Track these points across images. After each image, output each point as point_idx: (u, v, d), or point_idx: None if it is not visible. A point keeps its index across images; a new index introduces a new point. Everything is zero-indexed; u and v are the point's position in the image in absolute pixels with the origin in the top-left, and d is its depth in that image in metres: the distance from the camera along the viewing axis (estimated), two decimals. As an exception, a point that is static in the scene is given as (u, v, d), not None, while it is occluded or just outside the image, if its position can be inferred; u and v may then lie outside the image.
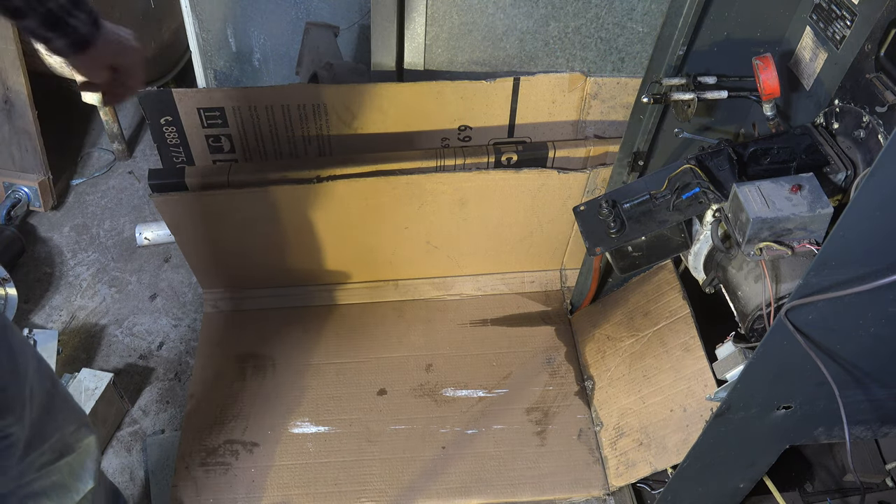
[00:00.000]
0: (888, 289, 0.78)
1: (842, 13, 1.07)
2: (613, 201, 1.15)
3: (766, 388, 0.98)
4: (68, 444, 1.10)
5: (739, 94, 1.20)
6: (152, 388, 1.79)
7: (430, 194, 1.68)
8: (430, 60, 1.77)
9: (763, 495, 1.35)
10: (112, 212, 2.25)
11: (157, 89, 1.61)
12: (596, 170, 1.66)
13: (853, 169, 1.03)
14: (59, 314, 1.96)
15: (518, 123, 1.72)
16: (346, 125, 1.69)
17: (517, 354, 1.80)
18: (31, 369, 1.00)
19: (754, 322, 1.04)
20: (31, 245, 2.13)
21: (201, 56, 2.17)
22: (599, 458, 1.61)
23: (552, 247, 1.88)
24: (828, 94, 1.13)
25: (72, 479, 1.11)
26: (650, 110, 1.33)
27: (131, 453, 1.67)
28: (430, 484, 1.58)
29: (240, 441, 1.64)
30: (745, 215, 0.95)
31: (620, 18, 1.71)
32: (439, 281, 1.93)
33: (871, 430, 1.09)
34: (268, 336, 1.84)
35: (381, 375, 1.76)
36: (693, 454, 1.12)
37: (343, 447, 1.63)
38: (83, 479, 1.12)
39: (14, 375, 0.96)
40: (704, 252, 1.14)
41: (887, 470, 1.47)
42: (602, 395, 1.67)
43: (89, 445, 1.14)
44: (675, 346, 1.51)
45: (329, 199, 1.65)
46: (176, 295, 2.01)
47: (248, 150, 1.72)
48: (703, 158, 1.11)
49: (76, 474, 1.12)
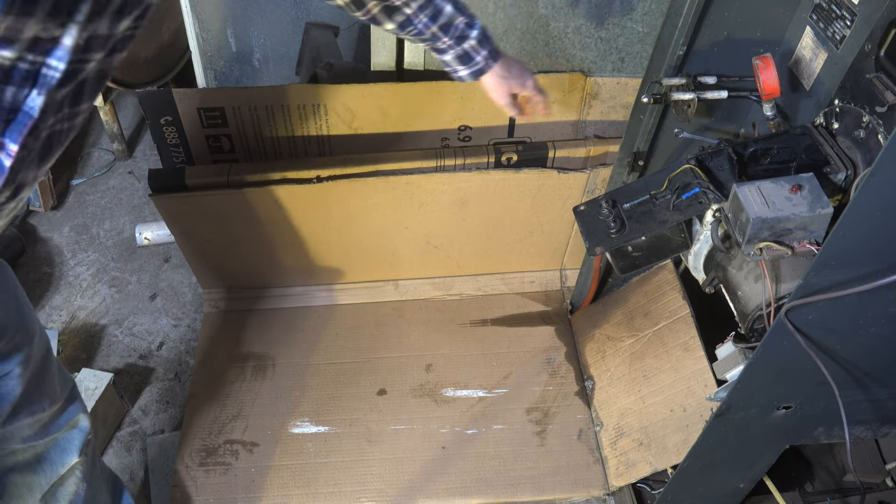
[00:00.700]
0: (888, 289, 0.78)
1: (842, 13, 1.07)
2: (613, 201, 1.15)
3: (766, 388, 0.98)
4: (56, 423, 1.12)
5: (739, 94, 1.20)
6: (152, 388, 1.79)
7: (429, 194, 1.68)
8: (430, 60, 1.77)
9: (763, 495, 1.35)
10: (112, 212, 2.25)
11: (157, 89, 1.61)
12: (596, 170, 1.66)
13: (853, 169, 1.03)
14: (59, 314, 1.96)
15: (518, 123, 1.72)
16: (346, 125, 1.69)
17: (517, 354, 1.80)
18: (38, 327, 1.06)
19: (754, 322, 1.04)
20: (31, 245, 2.13)
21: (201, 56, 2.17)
22: (599, 458, 1.61)
23: (552, 247, 1.88)
24: (828, 94, 1.13)
25: (57, 453, 1.13)
26: (650, 110, 1.33)
27: (131, 453, 1.67)
28: (430, 484, 1.58)
29: (240, 441, 1.64)
30: (746, 215, 0.95)
31: (620, 18, 1.71)
32: (439, 281, 1.93)
33: (871, 430, 1.09)
34: (268, 336, 1.84)
35: (381, 375, 1.76)
36: (693, 454, 1.12)
37: (343, 447, 1.63)
38: (69, 452, 1.14)
39: (20, 316, 1.01)
40: (704, 252, 1.14)
41: (887, 470, 1.47)
42: (602, 395, 1.67)
43: (77, 421, 1.16)
44: (675, 346, 1.51)
45: (329, 199, 1.65)
46: (176, 295, 2.01)
47: (248, 150, 1.72)
48: (703, 158, 1.11)
49: (62, 447, 1.14)
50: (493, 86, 1.25)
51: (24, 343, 1.00)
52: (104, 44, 0.72)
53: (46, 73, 0.69)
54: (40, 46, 0.67)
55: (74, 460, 1.15)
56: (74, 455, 1.15)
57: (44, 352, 1.07)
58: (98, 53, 0.73)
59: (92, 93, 0.77)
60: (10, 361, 0.98)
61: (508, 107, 1.28)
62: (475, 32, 1.17)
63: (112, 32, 0.72)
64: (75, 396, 1.17)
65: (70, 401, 1.15)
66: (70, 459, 1.14)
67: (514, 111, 1.30)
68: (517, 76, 1.25)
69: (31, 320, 1.04)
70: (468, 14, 1.16)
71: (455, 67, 1.21)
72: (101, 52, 0.73)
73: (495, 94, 1.26)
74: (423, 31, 1.15)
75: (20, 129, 0.70)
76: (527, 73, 1.27)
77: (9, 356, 0.98)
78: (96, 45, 0.71)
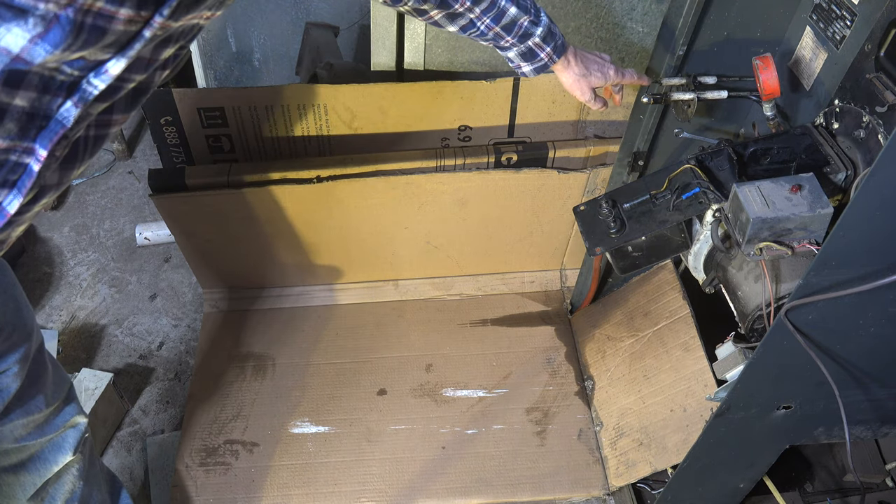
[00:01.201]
0: (888, 289, 0.78)
1: (842, 13, 1.07)
2: (613, 201, 1.15)
3: (766, 388, 0.98)
4: (52, 423, 1.12)
5: (739, 94, 1.20)
6: (152, 388, 1.79)
7: (429, 194, 1.68)
8: (430, 60, 1.77)
9: (763, 495, 1.35)
10: (112, 212, 2.25)
11: (158, 89, 1.61)
12: (596, 170, 1.66)
13: (853, 169, 1.03)
14: (59, 314, 1.96)
15: (518, 123, 1.72)
16: (346, 125, 1.69)
17: (517, 354, 1.80)
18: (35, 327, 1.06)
19: (754, 322, 1.04)
20: (31, 245, 2.13)
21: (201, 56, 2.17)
22: (599, 458, 1.61)
23: (552, 247, 1.88)
24: (828, 94, 1.12)
25: (51, 451, 1.13)
26: (650, 110, 1.33)
27: (131, 453, 1.67)
28: (430, 484, 1.58)
29: (240, 441, 1.64)
30: (745, 215, 0.95)
31: (620, 18, 1.71)
32: (439, 281, 1.93)
33: (871, 430, 1.09)
34: (268, 336, 1.84)
35: (381, 375, 1.76)
36: (693, 454, 1.12)
37: (343, 447, 1.63)
38: (63, 451, 1.14)
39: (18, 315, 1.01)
40: (704, 252, 1.14)
41: (887, 470, 1.47)
42: (602, 395, 1.67)
43: (73, 422, 1.16)
44: (675, 346, 1.51)
45: (329, 199, 1.65)
46: (176, 295, 2.01)
47: (248, 150, 1.72)
48: (703, 158, 1.11)
49: (56, 446, 1.14)
50: (571, 84, 1.23)
51: (22, 342, 1.01)
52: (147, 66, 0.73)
53: (86, 88, 0.69)
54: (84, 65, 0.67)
55: (68, 458, 1.15)
56: (69, 453, 1.15)
57: (38, 351, 1.07)
58: (139, 75, 0.73)
59: (128, 107, 0.77)
60: (8, 359, 0.99)
61: (591, 102, 1.25)
62: (540, 30, 1.14)
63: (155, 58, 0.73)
64: (72, 398, 1.17)
65: (67, 402, 1.15)
66: (64, 458, 1.14)
67: (598, 105, 1.27)
68: (597, 71, 1.22)
69: (29, 320, 1.04)
70: (533, 11, 1.13)
71: (518, 64, 1.19)
72: (142, 74, 0.73)
73: (576, 92, 1.24)
74: (485, 32, 1.13)
75: (51, 136, 0.70)
76: (607, 65, 1.24)
77: (6, 354, 0.98)
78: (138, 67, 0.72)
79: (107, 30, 0.63)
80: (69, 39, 0.61)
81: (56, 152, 0.72)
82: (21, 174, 0.71)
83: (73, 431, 1.16)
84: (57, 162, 0.74)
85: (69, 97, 0.69)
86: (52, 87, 0.67)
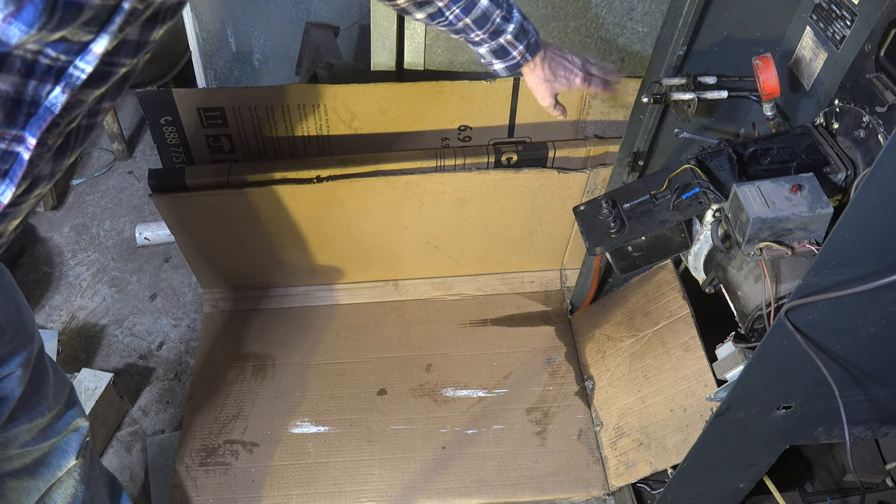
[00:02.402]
0: (888, 289, 0.78)
1: (842, 13, 1.07)
2: (613, 201, 1.15)
3: (766, 388, 0.98)
4: (55, 427, 1.11)
5: (739, 94, 1.20)
6: (152, 388, 1.79)
7: (429, 194, 1.68)
8: (430, 60, 1.77)
9: (763, 495, 1.35)
10: (112, 212, 2.25)
11: (157, 89, 1.61)
12: (596, 170, 1.66)
13: (853, 169, 1.03)
14: (59, 314, 1.96)
15: (518, 123, 1.72)
16: (346, 125, 1.69)
17: (517, 354, 1.80)
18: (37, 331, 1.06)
19: (754, 322, 1.04)
20: (31, 245, 2.13)
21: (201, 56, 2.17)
22: (599, 458, 1.61)
23: (552, 247, 1.88)
24: (828, 94, 1.12)
25: (55, 457, 1.13)
26: (650, 110, 1.33)
27: (131, 453, 1.67)
28: (430, 484, 1.58)
29: (240, 441, 1.64)
30: (745, 215, 0.95)
31: (620, 18, 1.71)
32: (439, 281, 1.93)
33: (871, 430, 1.09)
34: (268, 336, 1.84)
35: (381, 375, 1.76)
36: (693, 454, 1.12)
37: (343, 447, 1.63)
38: (67, 455, 1.14)
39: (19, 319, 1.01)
40: (704, 252, 1.14)
41: (887, 470, 1.47)
42: (602, 395, 1.67)
43: (76, 425, 1.15)
44: (675, 346, 1.51)
45: (329, 199, 1.65)
46: (176, 295, 2.01)
47: (248, 150, 1.72)
48: (703, 158, 1.11)
49: (60, 450, 1.13)
50: (534, 87, 1.22)
51: (24, 345, 1.00)
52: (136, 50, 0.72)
53: (73, 72, 0.68)
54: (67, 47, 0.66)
55: (72, 463, 1.15)
56: (72, 457, 1.14)
57: (38, 355, 1.07)
58: (129, 59, 0.73)
59: (115, 93, 0.77)
60: (10, 363, 0.98)
61: (550, 108, 1.24)
62: (512, 27, 1.11)
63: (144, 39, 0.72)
64: (74, 401, 1.16)
65: (69, 405, 1.14)
66: (67, 462, 1.14)
67: (556, 112, 1.26)
68: (562, 77, 1.20)
69: (30, 323, 1.04)
70: (506, 6, 1.11)
71: (491, 61, 1.17)
72: (132, 58, 0.73)
73: (537, 95, 1.23)
74: (454, 22, 1.11)
75: (40, 123, 0.70)
76: (575, 72, 1.21)
77: (9, 358, 0.98)
78: (127, 50, 0.71)
79: (83, 4, 0.62)
80: (44, 17, 0.60)
81: (48, 141, 0.72)
82: (12, 163, 0.71)
83: (76, 435, 1.15)
84: (50, 152, 0.74)
85: (57, 83, 0.68)
86: (38, 71, 0.66)
